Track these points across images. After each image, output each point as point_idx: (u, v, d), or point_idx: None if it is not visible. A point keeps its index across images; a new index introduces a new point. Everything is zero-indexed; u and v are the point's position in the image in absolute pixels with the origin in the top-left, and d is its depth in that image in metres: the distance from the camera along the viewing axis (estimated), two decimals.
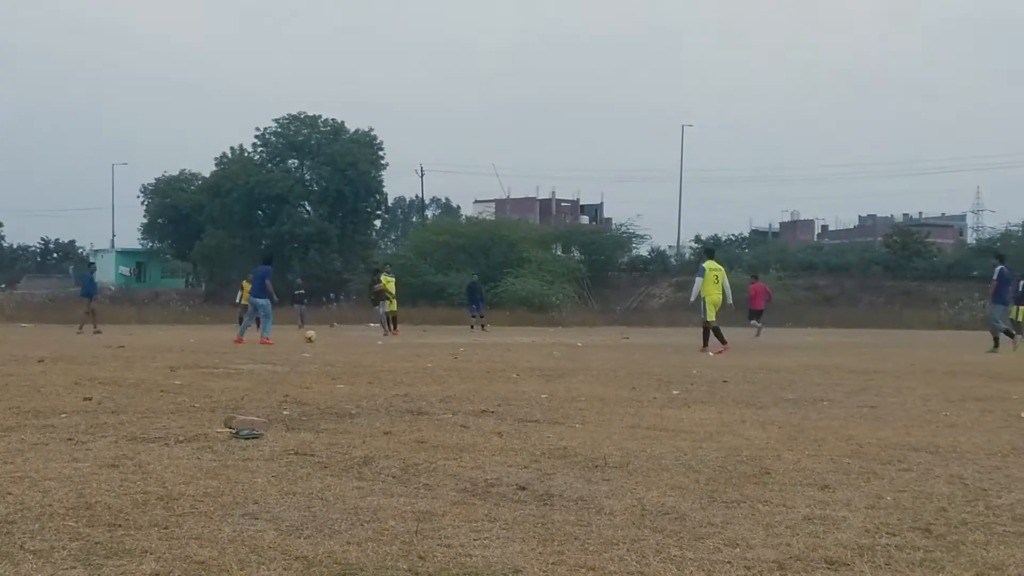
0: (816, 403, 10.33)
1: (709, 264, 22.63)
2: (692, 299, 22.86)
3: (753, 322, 36.07)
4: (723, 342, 21.71)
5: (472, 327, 39.13)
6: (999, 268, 24.44)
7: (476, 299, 40.51)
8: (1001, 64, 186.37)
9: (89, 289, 33.90)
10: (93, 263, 36.48)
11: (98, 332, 30.74)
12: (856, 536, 4.44)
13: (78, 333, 30.08)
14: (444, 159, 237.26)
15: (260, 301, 25.54)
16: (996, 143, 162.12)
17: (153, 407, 9.17)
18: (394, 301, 34.67)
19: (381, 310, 34.04)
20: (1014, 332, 24.03)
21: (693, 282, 23.14)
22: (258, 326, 26.65)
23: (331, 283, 65.43)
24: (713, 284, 22.14)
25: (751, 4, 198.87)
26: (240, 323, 32.01)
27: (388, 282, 34.72)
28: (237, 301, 39.47)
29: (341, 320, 48.01)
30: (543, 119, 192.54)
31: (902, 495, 5.37)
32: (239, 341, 23.99)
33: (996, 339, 23.78)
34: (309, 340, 25.09)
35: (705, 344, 21.91)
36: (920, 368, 16.25)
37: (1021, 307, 32.53)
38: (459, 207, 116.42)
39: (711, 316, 22.07)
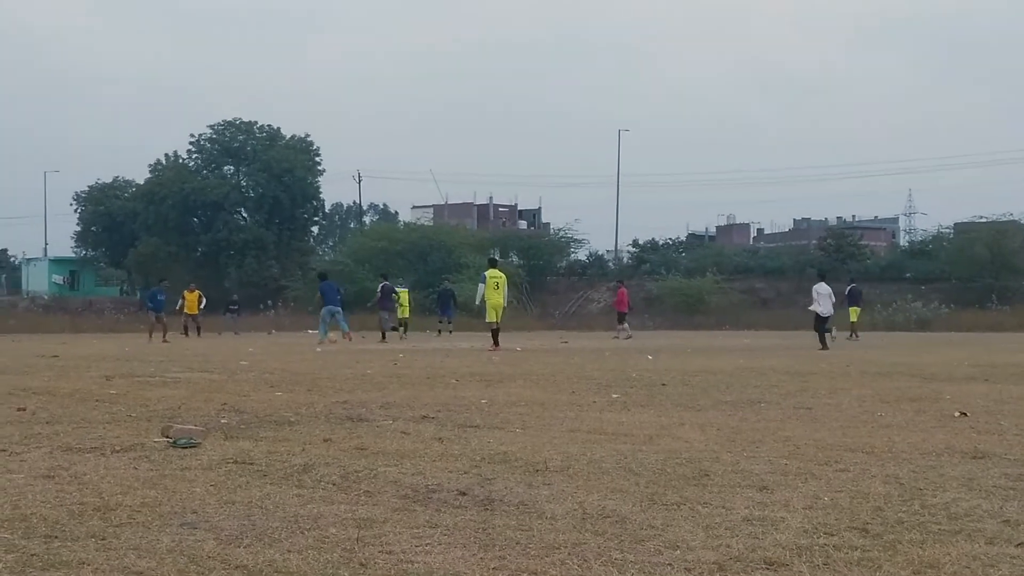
0: (753, 405, 10.42)
1: (490, 272, 25.27)
2: (477, 303, 25.73)
3: (623, 326, 37.00)
4: (496, 344, 23.98)
5: (439, 332, 39.70)
6: (382, 284, 33.56)
7: (447, 306, 40.88)
8: (931, 70, 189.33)
9: (155, 304, 34.42)
10: (165, 280, 37.83)
11: (166, 342, 31.05)
12: (795, 536, 4.48)
13: (149, 343, 30.27)
14: (381, 165, 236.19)
15: (334, 308, 30.43)
16: (928, 147, 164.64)
17: (88, 417, 9.06)
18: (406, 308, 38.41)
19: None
20: (403, 330, 33.59)
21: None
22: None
23: (268, 290, 65.00)
24: (494, 290, 24.67)
25: (686, 9, 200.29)
26: (184, 331, 33.91)
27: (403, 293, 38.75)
28: (178, 309, 39.56)
29: (279, 327, 47.76)
30: (480, 124, 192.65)
31: (839, 495, 5.43)
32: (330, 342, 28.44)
33: (384, 332, 32.16)
34: (333, 342, 29.00)
35: (495, 343, 24.10)
36: (855, 369, 16.44)
37: (854, 308, 36.18)
38: (397, 213, 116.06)
39: (491, 318, 24.64)
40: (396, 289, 37.23)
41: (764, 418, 9.23)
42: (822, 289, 27.81)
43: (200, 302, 39.91)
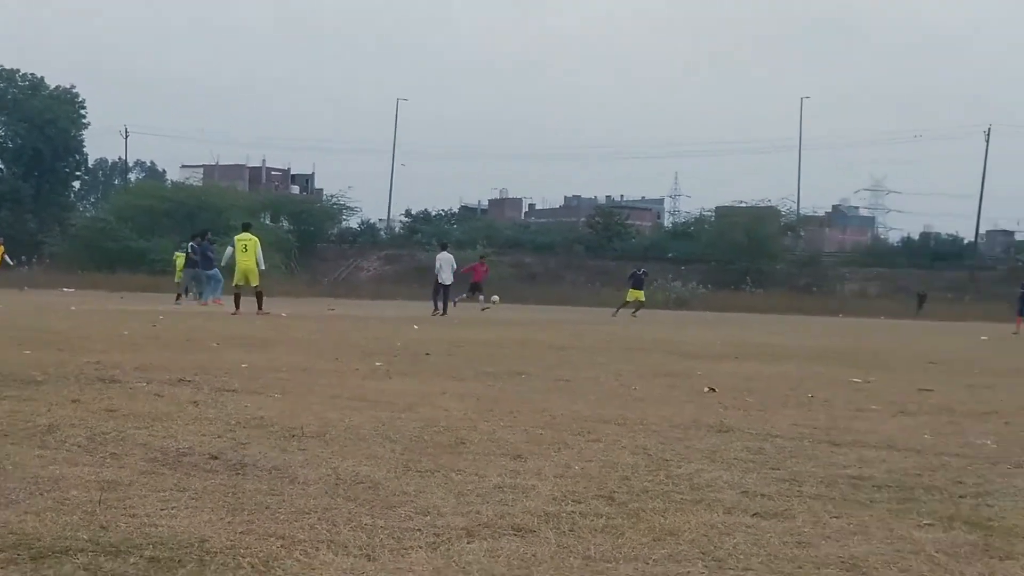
0: (514, 376, 10.57)
1: (239, 236, 25.31)
2: (223, 263, 26.35)
3: (478, 295, 37.87)
4: (237, 308, 24.12)
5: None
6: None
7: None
8: (705, 55, 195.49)
9: None
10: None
11: None
12: (544, 504, 4.57)
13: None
14: (151, 122, 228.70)
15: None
16: (694, 131, 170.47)
17: None
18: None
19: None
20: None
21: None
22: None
23: (24, 245, 62.27)
24: (242, 252, 24.60)
25: None
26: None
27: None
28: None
29: (33, 285, 45.82)
30: (255, 86, 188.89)
31: (589, 465, 5.56)
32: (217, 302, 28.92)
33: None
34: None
35: (236, 308, 24.14)
36: (616, 345, 16.88)
37: (634, 290, 37.52)
38: (165, 171, 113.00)
39: (238, 281, 24.73)
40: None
41: (524, 389, 9.37)
42: (444, 259, 30.68)
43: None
